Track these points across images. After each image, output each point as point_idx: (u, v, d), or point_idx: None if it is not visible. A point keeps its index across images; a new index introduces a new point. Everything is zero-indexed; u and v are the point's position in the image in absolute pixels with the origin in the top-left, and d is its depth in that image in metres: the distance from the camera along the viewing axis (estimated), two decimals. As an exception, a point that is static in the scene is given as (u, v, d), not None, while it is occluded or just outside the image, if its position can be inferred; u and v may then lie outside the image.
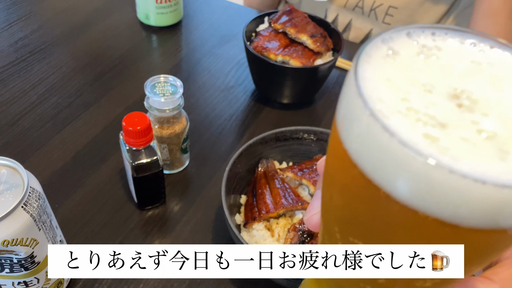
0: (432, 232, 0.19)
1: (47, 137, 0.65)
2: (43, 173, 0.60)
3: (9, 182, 0.39)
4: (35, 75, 0.75)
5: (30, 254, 0.39)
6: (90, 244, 0.53)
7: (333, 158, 0.22)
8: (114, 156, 0.63)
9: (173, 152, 0.60)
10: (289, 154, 0.60)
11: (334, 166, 0.22)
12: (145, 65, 0.81)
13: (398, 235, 0.21)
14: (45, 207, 0.41)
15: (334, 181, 0.23)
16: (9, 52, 0.80)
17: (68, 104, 0.71)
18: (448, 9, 0.90)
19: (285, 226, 0.51)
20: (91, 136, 0.66)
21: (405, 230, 0.20)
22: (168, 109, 0.55)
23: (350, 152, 0.19)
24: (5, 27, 0.85)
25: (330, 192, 0.24)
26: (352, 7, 0.94)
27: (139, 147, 0.51)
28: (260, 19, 0.76)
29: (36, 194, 0.40)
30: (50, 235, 0.42)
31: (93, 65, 0.79)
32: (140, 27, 0.90)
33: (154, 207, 0.58)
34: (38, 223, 0.39)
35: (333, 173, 0.23)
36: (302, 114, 0.74)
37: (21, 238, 0.38)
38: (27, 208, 0.38)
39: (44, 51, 0.81)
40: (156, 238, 0.55)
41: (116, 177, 0.61)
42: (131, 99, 0.73)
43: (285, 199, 0.52)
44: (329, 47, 0.73)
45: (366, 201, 0.20)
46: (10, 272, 0.39)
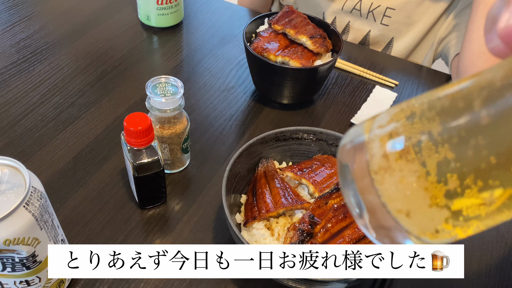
0: None
1: (49, 137, 0.66)
2: (44, 173, 0.60)
3: (11, 181, 0.39)
4: (37, 76, 0.76)
5: (32, 253, 0.39)
6: (91, 243, 0.53)
7: None
8: (115, 156, 0.64)
9: (174, 152, 0.60)
10: (289, 154, 0.61)
11: None
12: (146, 65, 0.81)
13: None
14: (46, 207, 0.41)
15: None
16: (11, 52, 0.80)
17: (70, 104, 0.71)
18: (446, 9, 0.90)
19: (285, 225, 0.51)
20: (93, 136, 0.67)
21: None
22: (169, 109, 0.55)
23: None
24: (7, 27, 0.86)
25: None
26: (350, 9, 0.94)
27: (140, 147, 0.51)
28: (260, 20, 0.77)
29: (38, 193, 0.40)
30: (51, 234, 0.42)
31: (95, 65, 0.79)
32: (141, 28, 0.90)
33: (155, 206, 0.58)
34: (39, 223, 0.39)
35: None
36: (302, 114, 0.75)
37: (23, 237, 0.38)
38: (29, 208, 0.38)
39: (46, 51, 0.81)
40: (157, 237, 0.55)
41: (117, 177, 0.61)
42: (132, 100, 0.73)
43: (285, 199, 0.52)
44: (329, 48, 0.73)
45: None
46: (12, 271, 0.40)
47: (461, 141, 0.21)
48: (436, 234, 0.23)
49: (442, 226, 0.22)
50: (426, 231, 0.23)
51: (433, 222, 0.22)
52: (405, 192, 0.22)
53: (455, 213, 0.22)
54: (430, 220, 0.22)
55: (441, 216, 0.22)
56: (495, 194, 0.21)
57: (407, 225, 0.23)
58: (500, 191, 0.21)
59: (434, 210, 0.22)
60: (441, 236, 0.23)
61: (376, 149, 0.24)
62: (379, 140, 0.24)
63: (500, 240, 0.57)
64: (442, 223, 0.22)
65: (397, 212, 0.23)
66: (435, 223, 0.22)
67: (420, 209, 0.22)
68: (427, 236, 0.23)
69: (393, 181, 0.23)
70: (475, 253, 0.55)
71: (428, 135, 0.22)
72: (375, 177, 0.23)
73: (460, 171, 0.21)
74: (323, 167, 0.56)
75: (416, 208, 0.23)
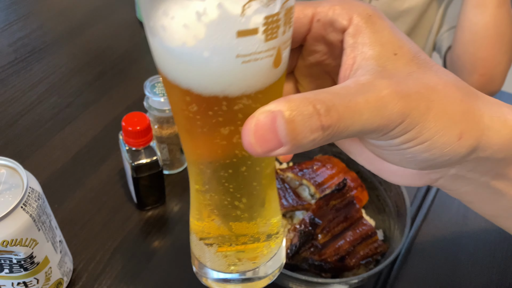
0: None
1: (47, 137, 0.65)
2: (42, 173, 0.60)
3: (8, 182, 0.39)
4: (34, 75, 0.75)
5: (30, 254, 0.39)
6: (89, 244, 0.53)
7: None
8: (114, 156, 0.63)
9: (173, 152, 0.60)
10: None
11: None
12: (145, 65, 0.81)
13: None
14: (44, 207, 0.41)
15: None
16: (8, 52, 0.79)
17: (68, 104, 0.71)
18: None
19: (285, 227, 0.51)
20: (91, 136, 0.66)
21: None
22: (168, 109, 0.54)
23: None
24: (4, 26, 0.85)
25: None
26: None
27: (139, 147, 0.50)
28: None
29: (36, 194, 0.39)
30: (49, 235, 0.42)
31: (93, 65, 0.79)
32: (140, 26, 0.90)
33: (154, 207, 0.58)
34: (37, 224, 0.39)
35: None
36: (302, 114, 0.74)
37: (21, 238, 0.37)
38: (27, 209, 0.38)
39: (44, 51, 0.80)
40: (156, 239, 0.54)
41: (115, 177, 0.60)
42: (130, 99, 0.73)
43: (285, 200, 0.52)
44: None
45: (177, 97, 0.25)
46: (9, 273, 0.39)
47: None
48: None
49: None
50: None
51: None
52: None
53: None
54: None
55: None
56: None
57: None
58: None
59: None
60: None
61: None
62: None
63: (503, 241, 0.56)
64: None
65: None
66: None
67: None
68: None
69: None
70: (477, 253, 0.55)
71: None
72: None
73: None
74: (324, 167, 0.55)
75: None
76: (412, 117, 0.23)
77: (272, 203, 0.31)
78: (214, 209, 0.30)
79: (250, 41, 0.22)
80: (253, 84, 0.23)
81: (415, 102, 0.23)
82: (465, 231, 0.57)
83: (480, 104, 0.26)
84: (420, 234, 0.57)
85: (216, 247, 0.32)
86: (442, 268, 0.53)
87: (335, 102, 0.22)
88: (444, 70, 0.26)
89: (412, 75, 0.25)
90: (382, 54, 0.25)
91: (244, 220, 0.30)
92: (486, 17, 0.75)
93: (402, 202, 0.49)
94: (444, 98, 0.24)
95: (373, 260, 0.48)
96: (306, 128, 0.21)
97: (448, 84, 0.25)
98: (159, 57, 0.23)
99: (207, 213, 0.30)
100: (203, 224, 0.31)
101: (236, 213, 0.29)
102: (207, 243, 0.32)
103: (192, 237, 0.33)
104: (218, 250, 0.32)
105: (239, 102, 0.24)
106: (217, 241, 0.31)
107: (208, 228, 0.31)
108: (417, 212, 0.59)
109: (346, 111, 0.22)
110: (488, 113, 0.26)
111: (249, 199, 0.29)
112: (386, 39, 0.26)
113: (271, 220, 0.32)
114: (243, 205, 0.29)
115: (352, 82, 0.24)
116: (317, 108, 0.21)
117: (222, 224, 0.30)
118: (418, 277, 0.52)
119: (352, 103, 0.22)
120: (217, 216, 0.30)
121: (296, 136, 0.21)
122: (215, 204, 0.29)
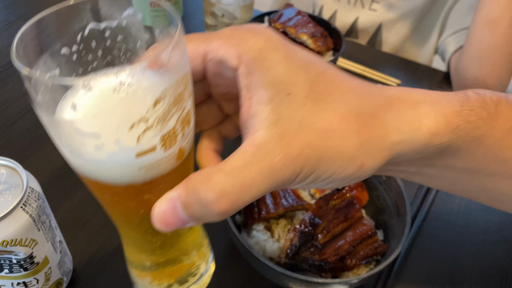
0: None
1: (47, 137, 0.64)
2: (42, 173, 0.60)
3: (8, 182, 0.39)
4: (34, 75, 0.75)
5: (30, 254, 0.39)
6: (90, 244, 0.53)
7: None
8: (114, 156, 0.63)
9: (173, 152, 0.59)
10: (289, 154, 0.60)
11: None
12: (145, 65, 0.81)
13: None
14: (44, 207, 0.41)
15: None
16: (8, 52, 0.79)
17: (68, 104, 0.71)
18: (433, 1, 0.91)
19: (285, 227, 0.51)
20: (91, 136, 0.66)
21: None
22: (168, 109, 0.54)
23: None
24: (4, 26, 0.85)
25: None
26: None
27: (139, 147, 0.50)
28: (260, 18, 0.76)
29: (36, 194, 0.39)
30: (49, 235, 0.41)
31: (93, 65, 0.79)
32: (140, 27, 0.89)
33: (153, 207, 0.58)
34: (37, 224, 0.39)
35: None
36: (302, 114, 0.74)
37: (20, 238, 0.37)
38: (26, 209, 0.38)
39: (44, 51, 0.80)
40: (155, 239, 0.54)
41: (115, 177, 0.60)
42: (130, 99, 0.73)
43: (285, 200, 0.52)
44: (330, 47, 0.73)
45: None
46: (9, 273, 0.39)
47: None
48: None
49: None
50: None
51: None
52: None
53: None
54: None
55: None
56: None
57: None
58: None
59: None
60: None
61: None
62: None
63: (503, 241, 0.56)
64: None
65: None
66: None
67: None
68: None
69: None
70: (478, 253, 0.55)
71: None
72: None
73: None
74: (323, 167, 0.55)
75: None
76: (305, 172, 0.25)
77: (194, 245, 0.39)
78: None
79: (150, 156, 0.25)
80: (157, 177, 0.27)
81: (304, 160, 0.24)
82: (465, 231, 0.57)
83: (386, 122, 0.26)
84: (420, 234, 0.56)
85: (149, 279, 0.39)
86: (442, 268, 0.53)
87: (230, 184, 0.23)
88: (343, 97, 0.26)
89: (305, 121, 0.25)
90: (276, 96, 0.25)
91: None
92: (497, 37, 0.73)
93: (402, 202, 0.49)
94: (338, 138, 0.25)
95: (373, 260, 0.48)
96: (204, 214, 0.24)
97: (345, 116, 0.25)
98: (73, 165, 0.29)
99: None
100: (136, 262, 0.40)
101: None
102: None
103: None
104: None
105: (147, 185, 0.27)
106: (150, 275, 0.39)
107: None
108: (417, 212, 0.59)
109: (240, 190, 0.23)
110: (397, 128, 0.26)
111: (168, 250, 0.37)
112: (278, 77, 0.25)
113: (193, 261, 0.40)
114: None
115: (249, 145, 0.24)
116: (211, 198, 0.23)
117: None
118: (418, 277, 0.52)
119: (246, 181, 0.23)
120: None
121: (197, 219, 0.24)
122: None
